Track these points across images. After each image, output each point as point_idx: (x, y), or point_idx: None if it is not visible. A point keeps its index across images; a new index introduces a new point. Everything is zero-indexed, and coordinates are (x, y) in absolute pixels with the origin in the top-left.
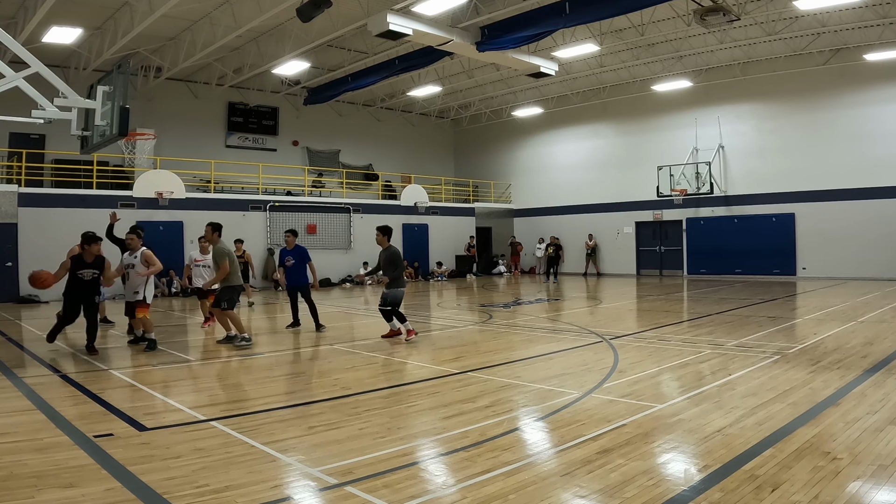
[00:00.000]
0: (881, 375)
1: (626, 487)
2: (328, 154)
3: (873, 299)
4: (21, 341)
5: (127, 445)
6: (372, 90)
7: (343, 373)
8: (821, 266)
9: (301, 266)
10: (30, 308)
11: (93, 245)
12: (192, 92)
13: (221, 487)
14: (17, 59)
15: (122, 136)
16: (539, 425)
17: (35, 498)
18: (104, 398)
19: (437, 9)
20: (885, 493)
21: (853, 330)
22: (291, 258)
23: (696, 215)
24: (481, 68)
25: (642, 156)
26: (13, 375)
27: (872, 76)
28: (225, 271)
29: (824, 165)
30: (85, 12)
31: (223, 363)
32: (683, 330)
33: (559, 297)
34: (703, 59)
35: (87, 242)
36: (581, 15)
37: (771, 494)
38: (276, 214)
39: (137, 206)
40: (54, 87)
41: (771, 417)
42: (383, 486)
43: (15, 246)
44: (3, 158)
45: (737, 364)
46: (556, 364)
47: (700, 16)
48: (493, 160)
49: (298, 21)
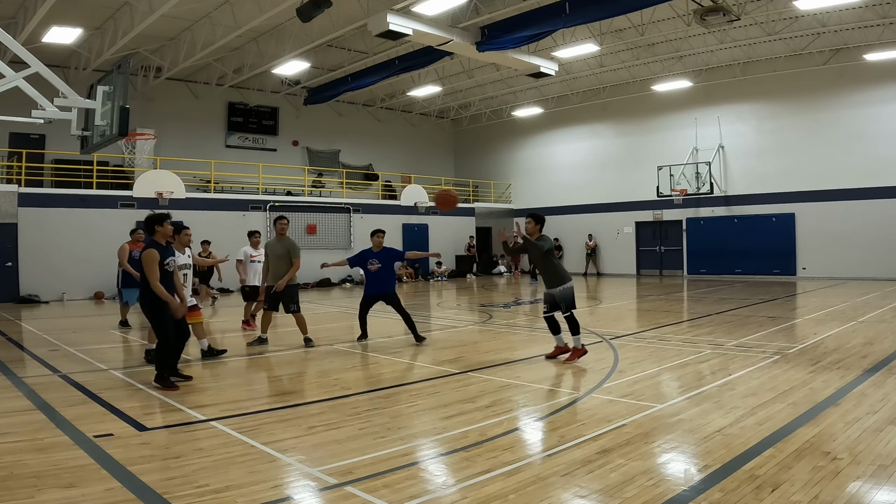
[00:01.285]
0: (881, 375)
1: (626, 487)
2: (328, 154)
3: (873, 299)
4: (21, 341)
5: (127, 445)
6: (372, 90)
7: (343, 373)
8: (821, 266)
9: (389, 271)
10: (30, 308)
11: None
12: (192, 92)
13: (221, 487)
14: (17, 59)
15: (122, 136)
16: (539, 425)
17: (35, 498)
18: (104, 398)
19: (437, 9)
20: (885, 493)
21: (853, 330)
22: (377, 261)
23: (696, 215)
24: (481, 68)
25: (642, 156)
26: (13, 375)
27: (872, 76)
28: (298, 267)
29: (824, 165)
30: (85, 12)
31: (223, 363)
32: (683, 330)
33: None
34: (703, 59)
35: (176, 231)
36: (581, 15)
37: (771, 494)
38: (276, 214)
39: (137, 206)
40: (54, 87)
41: (771, 417)
42: (383, 486)
43: (15, 246)
44: (3, 158)
45: (737, 364)
46: (556, 364)
47: (700, 16)
48: (493, 160)
49: (298, 21)
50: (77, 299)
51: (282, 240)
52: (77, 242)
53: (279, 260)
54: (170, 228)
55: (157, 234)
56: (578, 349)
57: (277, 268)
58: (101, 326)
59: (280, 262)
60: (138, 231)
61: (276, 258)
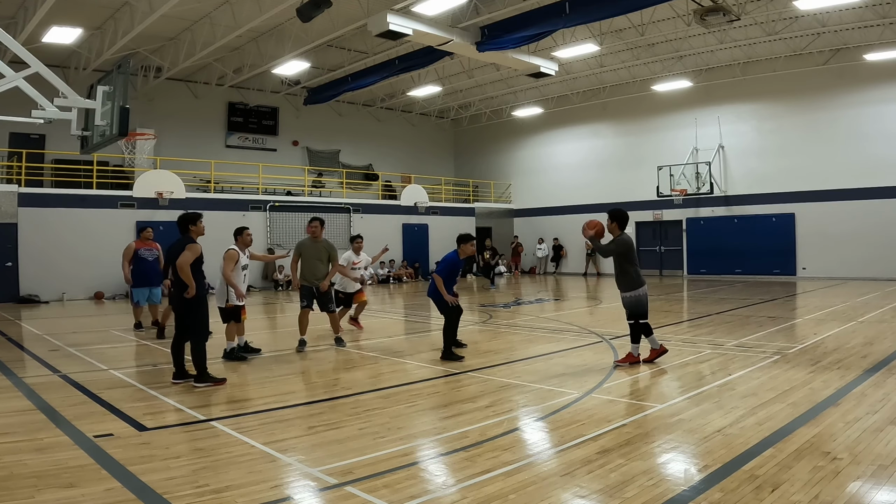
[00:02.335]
0: (881, 375)
1: (626, 487)
2: (328, 154)
3: (873, 299)
4: (21, 341)
5: (127, 445)
6: (372, 90)
7: (343, 373)
8: (821, 266)
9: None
10: (30, 308)
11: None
12: (192, 92)
13: (221, 487)
14: (17, 59)
15: (122, 136)
16: (539, 425)
17: (35, 498)
18: (104, 398)
19: (437, 9)
20: (885, 493)
21: (853, 330)
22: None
23: (696, 215)
24: (481, 68)
25: (642, 156)
26: (13, 375)
27: (872, 76)
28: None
29: (824, 165)
30: (85, 12)
31: (223, 363)
32: (683, 330)
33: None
34: (703, 59)
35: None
36: (581, 15)
37: (771, 494)
38: (276, 214)
39: (137, 206)
40: (54, 87)
41: (771, 417)
42: (383, 486)
43: (15, 246)
44: (3, 158)
45: (737, 364)
46: (556, 364)
47: (700, 16)
48: (493, 160)
49: (298, 21)
50: (77, 299)
51: (317, 241)
52: (77, 242)
53: (317, 261)
54: (202, 227)
55: (190, 232)
56: (634, 356)
57: (316, 268)
58: (101, 326)
59: (318, 264)
60: (147, 229)
61: (314, 259)
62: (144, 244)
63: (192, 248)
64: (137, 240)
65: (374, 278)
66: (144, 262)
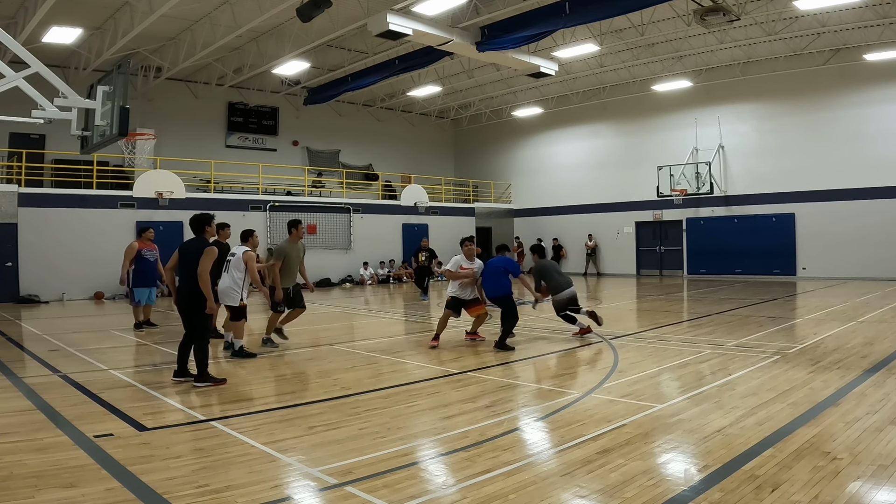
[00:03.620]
0: (881, 375)
1: (626, 487)
2: (328, 154)
3: (873, 299)
4: (21, 341)
5: (127, 445)
6: (372, 90)
7: (343, 373)
8: (821, 266)
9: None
10: (30, 308)
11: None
12: (192, 92)
13: (221, 487)
14: (17, 59)
15: (122, 136)
16: (539, 425)
17: (35, 498)
18: (104, 398)
19: (437, 9)
20: (885, 493)
21: (853, 330)
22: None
23: (696, 215)
24: (481, 68)
25: (642, 156)
26: (13, 375)
27: (872, 76)
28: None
29: (824, 165)
30: (85, 12)
31: (222, 363)
32: (683, 330)
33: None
34: (703, 59)
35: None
36: (581, 15)
37: (771, 494)
38: (276, 214)
39: (137, 206)
40: (54, 87)
41: (771, 417)
42: (383, 486)
43: (15, 246)
44: (3, 158)
45: (737, 364)
46: (556, 364)
47: (700, 16)
48: (493, 160)
49: (298, 21)
50: (77, 299)
51: (297, 243)
52: (77, 242)
53: (298, 263)
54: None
55: (206, 232)
56: (583, 328)
57: (295, 271)
58: (101, 326)
59: (297, 265)
60: (149, 230)
61: (296, 262)
62: (147, 245)
63: (209, 252)
64: (140, 240)
65: (374, 278)
66: (147, 263)
